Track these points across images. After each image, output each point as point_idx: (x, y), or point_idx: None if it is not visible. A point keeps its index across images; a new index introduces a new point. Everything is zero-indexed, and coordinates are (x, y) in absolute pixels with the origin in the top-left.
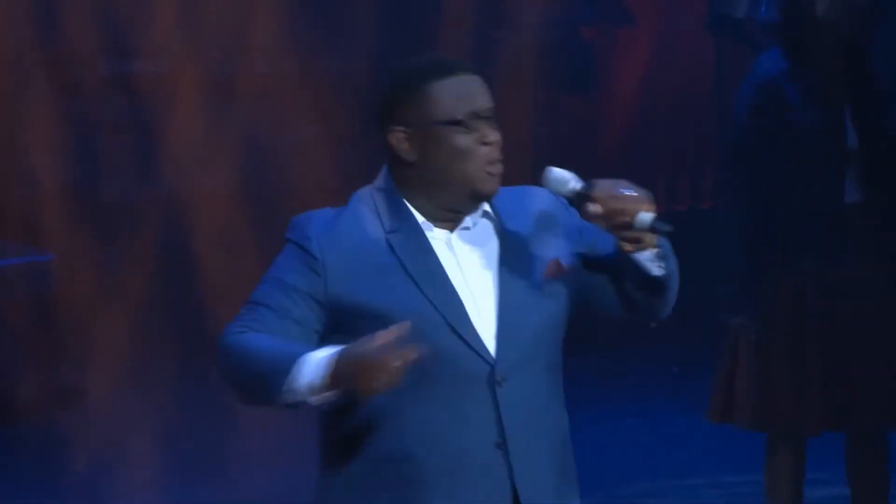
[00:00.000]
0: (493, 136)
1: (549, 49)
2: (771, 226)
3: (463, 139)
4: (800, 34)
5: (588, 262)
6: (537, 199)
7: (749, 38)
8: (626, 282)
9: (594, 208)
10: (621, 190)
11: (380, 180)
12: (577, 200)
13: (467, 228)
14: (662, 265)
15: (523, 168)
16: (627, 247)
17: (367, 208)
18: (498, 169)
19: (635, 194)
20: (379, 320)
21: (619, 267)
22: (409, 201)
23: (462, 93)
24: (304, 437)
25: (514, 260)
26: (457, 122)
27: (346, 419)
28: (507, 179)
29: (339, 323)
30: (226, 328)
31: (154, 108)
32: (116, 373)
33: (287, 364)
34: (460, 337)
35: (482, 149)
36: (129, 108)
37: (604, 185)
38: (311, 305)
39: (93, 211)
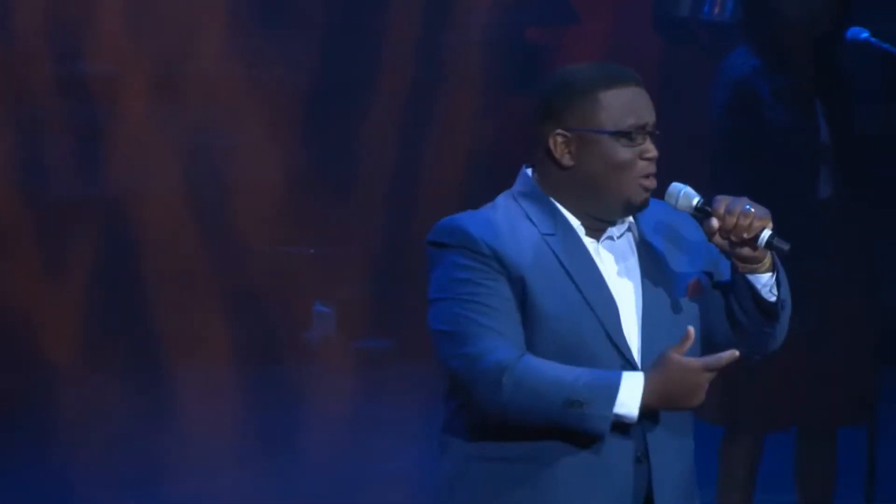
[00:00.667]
0: (654, 152)
1: (495, 49)
2: None
3: (625, 152)
4: (769, 31)
5: (712, 285)
6: (673, 216)
7: (693, 38)
8: (739, 308)
9: (716, 223)
10: (745, 206)
11: (521, 185)
12: (698, 216)
13: (611, 239)
14: (777, 292)
15: (466, 167)
16: (745, 266)
17: (515, 212)
18: (652, 183)
19: (756, 211)
20: (546, 321)
21: (735, 291)
22: (559, 204)
23: (631, 105)
24: (247, 439)
25: (655, 275)
26: (623, 134)
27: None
28: (461, 178)
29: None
30: (502, 353)
31: (100, 110)
32: (59, 372)
33: (603, 394)
34: (615, 345)
35: (640, 163)
36: (75, 110)
37: (726, 201)
38: (512, 295)
39: (38, 212)
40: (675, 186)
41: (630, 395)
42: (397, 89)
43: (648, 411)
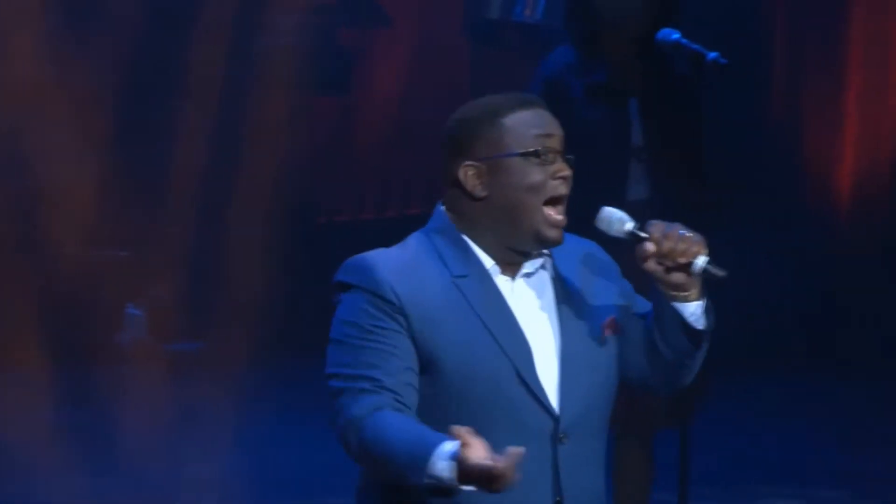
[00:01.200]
0: (566, 171)
1: (306, 52)
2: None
3: (537, 172)
4: (586, 29)
5: (628, 322)
6: (586, 250)
7: (502, 40)
8: (662, 339)
9: (652, 247)
10: (680, 231)
11: (436, 222)
12: (632, 240)
13: (527, 276)
14: (705, 320)
15: (278, 170)
16: (675, 294)
17: (427, 252)
18: (561, 220)
19: (692, 236)
20: (456, 368)
21: (660, 322)
22: (473, 242)
23: (538, 125)
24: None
25: (571, 313)
26: (532, 154)
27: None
28: (274, 180)
29: (420, 367)
30: (346, 406)
31: None
32: None
33: (420, 465)
34: (528, 388)
35: (552, 182)
36: None
37: (661, 225)
38: (409, 346)
39: None
40: (608, 211)
41: (442, 469)
42: (209, 91)
43: (564, 452)
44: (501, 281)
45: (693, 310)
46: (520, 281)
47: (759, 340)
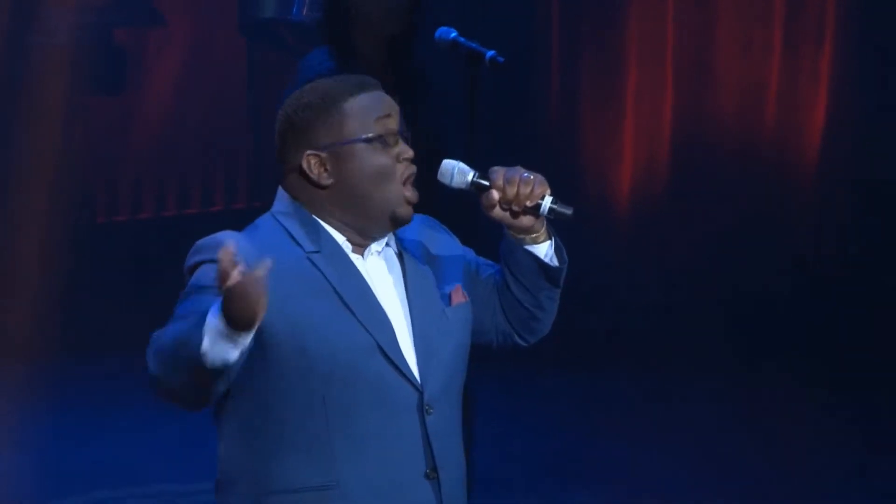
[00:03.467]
0: (410, 152)
1: (81, 51)
2: None
3: (382, 157)
4: (342, 32)
5: (476, 287)
6: (423, 224)
7: (278, 39)
8: (520, 287)
9: (497, 195)
10: (523, 174)
11: (281, 205)
12: (476, 190)
13: (375, 254)
14: (558, 257)
15: (54, 169)
16: (524, 238)
17: (277, 232)
18: (415, 197)
19: (534, 178)
20: (317, 345)
21: (515, 270)
22: (323, 222)
23: (377, 108)
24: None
25: (418, 288)
26: (376, 139)
27: (270, 442)
28: (51, 180)
29: (275, 344)
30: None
31: None
32: None
33: (196, 325)
34: (392, 362)
35: (399, 166)
36: None
37: (503, 171)
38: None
39: None
40: (448, 163)
41: (213, 316)
42: None
43: (432, 423)
44: (354, 258)
45: (546, 250)
46: (370, 258)
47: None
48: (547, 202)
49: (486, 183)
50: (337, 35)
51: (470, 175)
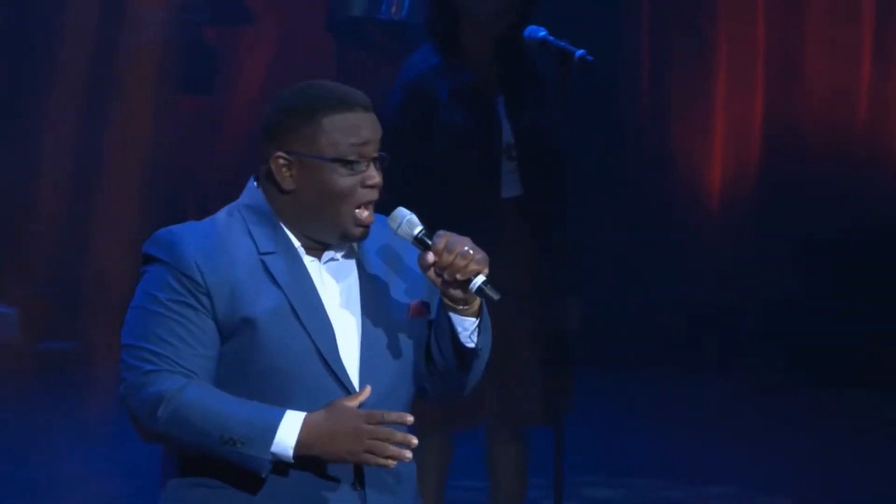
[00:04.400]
0: (376, 178)
1: (171, 50)
2: (428, 223)
3: (345, 180)
4: (447, 29)
5: (425, 316)
6: (398, 240)
7: (367, 38)
8: (437, 346)
9: (432, 258)
10: (464, 248)
11: (249, 197)
12: (418, 246)
13: (334, 260)
14: (476, 339)
15: (145, 167)
16: (452, 306)
17: (237, 227)
18: (369, 220)
19: (474, 254)
20: (260, 345)
21: (437, 329)
22: (282, 223)
23: (353, 131)
24: None
25: (375, 296)
26: (343, 162)
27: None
28: (140, 178)
29: (226, 337)
30: (143, 384)
31: None
32: None
33: (260, 436)
34: (329, 368)
35: (360, 190)
36: None
37: (447, 238)
38: (211, 325)
39: None
40: (400, 212)
41: (288, 435)
42: (74, 89)
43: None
44: (308, 261)
45: (467, 325)
46: (326, 264)
47: (633, 340)
48: (477, 281)
49: (429, 242)
50: (443, 32)
51: (417, 230)
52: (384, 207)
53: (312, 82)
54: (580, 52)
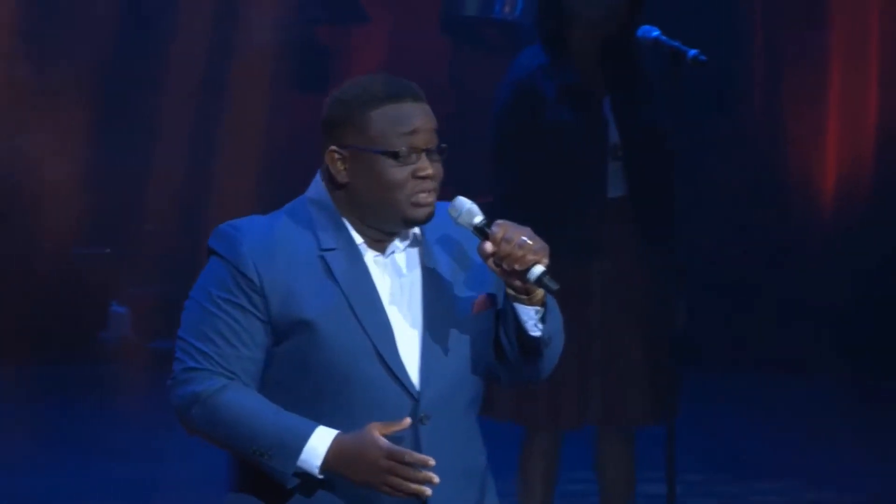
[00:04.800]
0: (428, 170)
1: (285, 48)
2: (534, 223)
3: (396, 172)
4: (556, 29)
5: (493, 306)
6: (463, 231)
7: (480, 37)
8: (505, 336)
9: (490, 247)
10: (522, 237)
11: (314, 191)
12: (477, 235)
13: (398, 252)
14: (541, 327)
15: (258, 167)
16: (515, 296)
17: (302, 222)
18: (428, 199)
19: (533, 244)
20: (316, 344)
21: (503, 318)
22: (345, 218)
23: (403, 123)
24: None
25: (439, 289)
26: (392, 154)
27: None
28: (253, 178)
29: (281, 338)
30: (187, 381)
31: None
32: None
33: (286, 451)
34: (388, 367)
35: (412, 182)
36: None
37: (506, 227)
38: (259, 328)
39: None
40: (461, 201)
41: (315, 454)
42: (188, 88)
43: (426, 432)
44: (370, 257)
45: (531, 315)
46: (390, 258)
47: (748, 340)
48: (536, 271)
49: (488, 231)
50: (551, 33)
51: (477, 219)
52: (489, 209)
53: (364, 76)
54: (693, 52)
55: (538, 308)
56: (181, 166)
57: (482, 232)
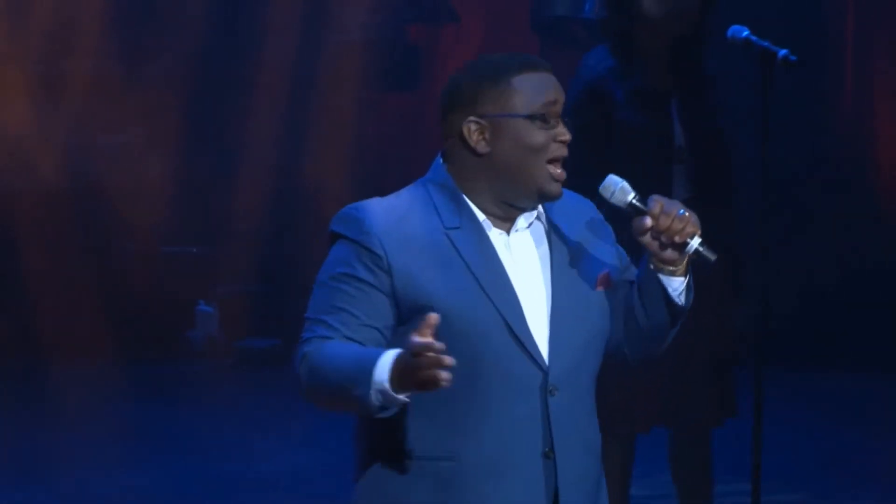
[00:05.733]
0: (567, 135)
1: (375, 48)
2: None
3: (539, 135)
4: (625, 31)
5: (618, 285)
6: (585, 209)
7: (570, 37)
8: (643, 309)
9: (649, 222)
10: (680, 210)
11: (435, 174)
12: (632, 212)
13: (523, 229)
14: (685, 298)
15: (348, 166)
16: (663, 267)
17: (422, 202)
18: (562, 176)
19: (689, 216)
20: (444, 320)
21: (644, 292)
22: (468, 197)
23: (544, 89)
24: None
25: (564, 267)
26: (537, 117)
27: (394, 415)
28: (342, 176)
29: (404, 318)
30: (301, 347)
31: None
32: None
33: (363, 376)
34: (518, 340)
35: (553, 145)
36: None
37: (662, 202)
38: (383, 302)
39: None
40: (612, 179)
41: (383, 371)
42: (279, 87)
43: (554, 404)
44: (495, 234)
45: (677, 285)
46: (514, 235)
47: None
48: (695, 242)
49: (644, 208)
50: (619, 33)
51: (630, 196)
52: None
53: (486, 55)
54: (783, 51)
55: (682, 279)
56: (271, 166)
57: (638, 208)
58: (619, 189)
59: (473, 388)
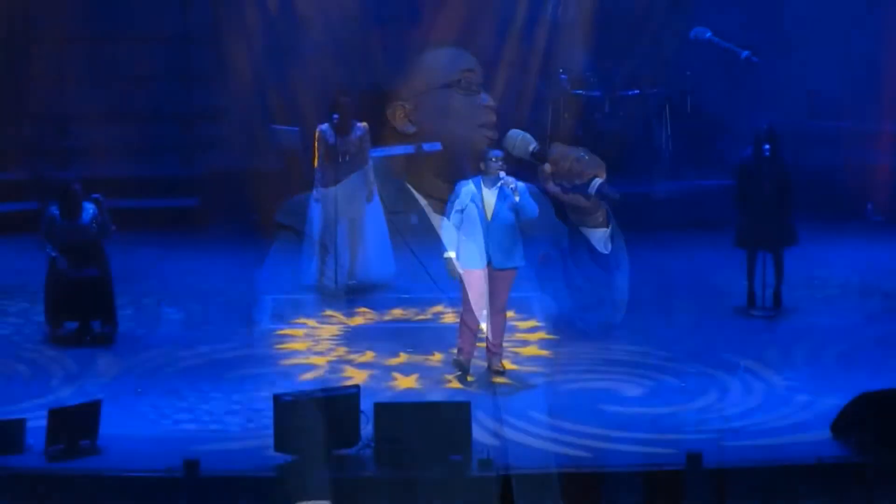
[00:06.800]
0: (489, 101)
1: None
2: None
3: (459, 100)
4: None
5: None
6: (531, 189)
7: None
8: (577, 269)
9: (549, 168)
10: (579, 153)
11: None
12: (535, 160)
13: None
14: (610, 245)
15: None
16: (580, 218)
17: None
18: (493, 134)
19: (589, 159)
20: None
21: (573, 252)
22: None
23: (456, 58)
24: None
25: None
26: (454, 84)
27: None
28: None
29: None
30: None
31: None
32: None
33: None
34: None
35: (477, 110)
36: None
37: (561, 149)
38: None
39: None
40: (514, 132)
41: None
42: None
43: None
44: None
45: (599, 236)
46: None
47: None
48: (595, 183)
49: (544, 155)
50: None
51: (531, 146)
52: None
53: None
54: (745, 52)
55: (604, 229)
56: None
57: (538, 156)
58: (520, 140)
59: None
